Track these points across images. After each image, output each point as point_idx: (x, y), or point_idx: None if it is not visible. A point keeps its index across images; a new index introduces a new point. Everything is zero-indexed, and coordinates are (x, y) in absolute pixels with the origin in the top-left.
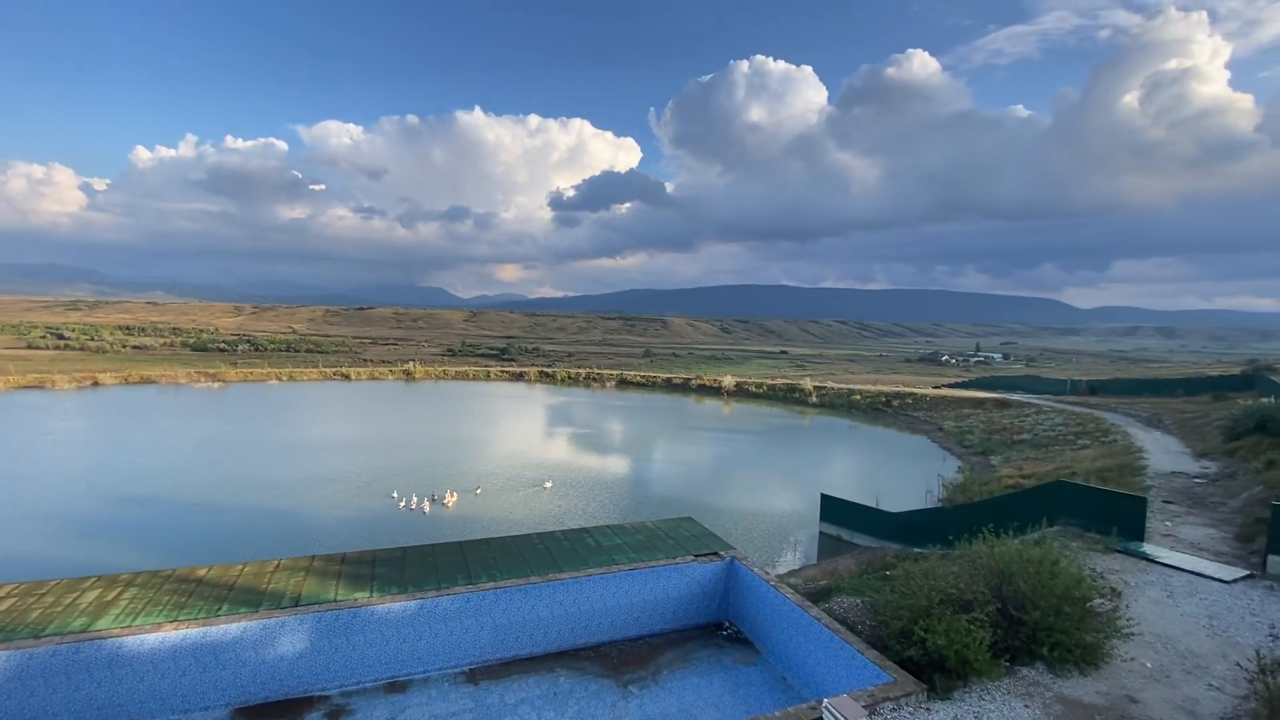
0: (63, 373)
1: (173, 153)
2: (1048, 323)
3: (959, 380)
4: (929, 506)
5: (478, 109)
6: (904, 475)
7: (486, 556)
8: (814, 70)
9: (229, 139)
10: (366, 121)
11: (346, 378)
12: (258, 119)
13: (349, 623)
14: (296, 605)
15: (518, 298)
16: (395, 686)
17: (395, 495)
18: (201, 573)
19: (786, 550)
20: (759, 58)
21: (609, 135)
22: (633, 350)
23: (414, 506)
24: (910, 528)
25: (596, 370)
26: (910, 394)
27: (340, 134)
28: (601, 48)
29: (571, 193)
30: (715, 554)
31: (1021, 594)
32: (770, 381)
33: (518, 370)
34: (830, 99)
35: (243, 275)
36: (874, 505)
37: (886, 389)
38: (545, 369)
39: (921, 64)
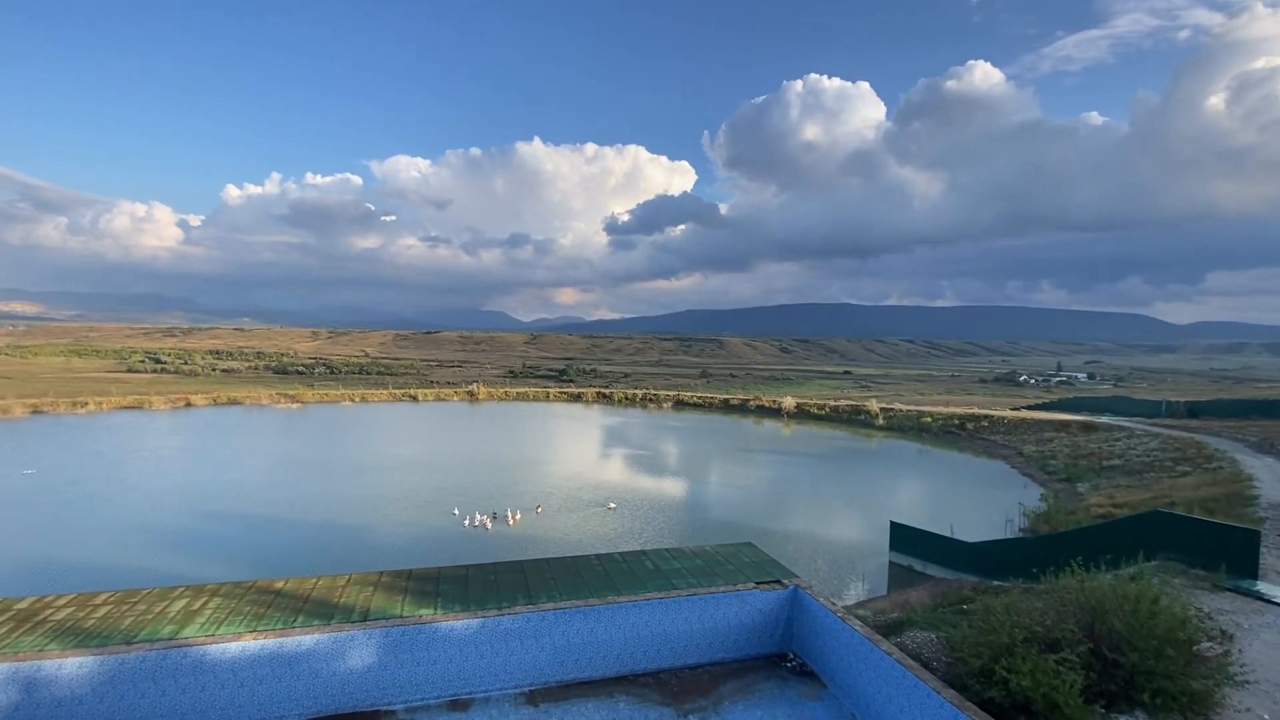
0: (159, 394)
1: (259, 189)
2: (1138, 339)
3: (1039, 402)
4: (1009, 537)
5: (537, 139)
6: (980, 503)
7: (546, 576)
8: (870, 86)
9: (309, 175)
10: (433, 155)
11: (414, 398)
12: (335, 156)
13: (414, 639)
14: (365, 620)
15: (576, 320)
16: (458, 705)
17: (457, 512)
18: (279, 585)
19: (853, 580)
20: (813, 77)
21: (663, 159)
22: (689, 371)
23: (477, 524)
24: (989, 559)
25: (653, 391)
26: (986, 416)
27: (409, 168)
28: (656, 74)
29: (626, 217)
30: (778, 582)
31: (1117, 634)
32: (833, 403)
33: (576, 391)
34: (888, 114)
35: (320, 302)
36: (948, 534)
37: (959, 411)
38: (603, 390)
39: (984, 75)
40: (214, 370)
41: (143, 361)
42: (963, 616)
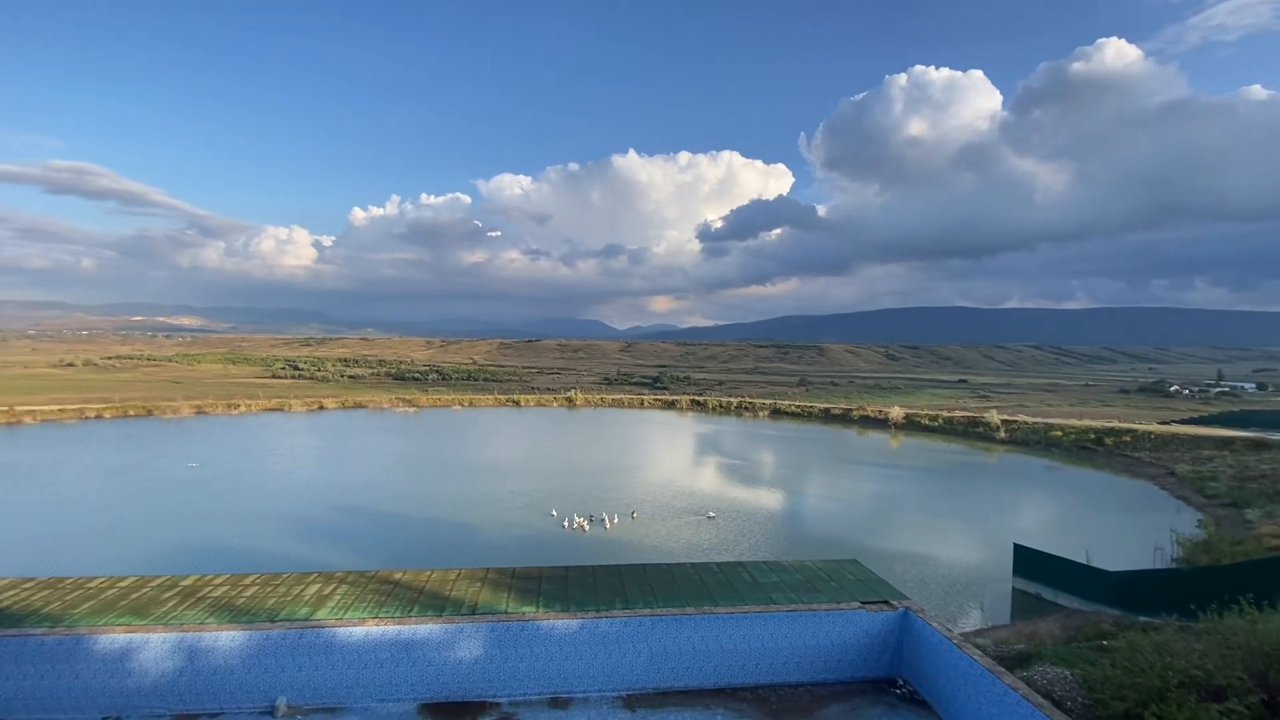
0: (297, 398)
1: (380, 211)
2: None
3: (1195, 415)
4: (1160, 567)
5: (631, 151)
6: (1122, 527)
7: (642, 582)
8: (984, 74)
9: (424, 196)
10: (534, 172)
11: (517, 404)
12: (446, 176)
13: (518, 635)
14: (474, 613)
15: (670, 327)
16: (558, 702)
17: (555, 514)
18: (397, 576)
19: (970, 606)
20: (918, 69)
21: (758, 164)
22: (786, 379)
23: (574, 526)
24: (1134, 591)
25: (749, 399)
26: (1129, 430)
27: (513, 185)
28: (749, 78)
29: (720, 224)
30: (886, 603)
31: None
32: (946, 413)
33: (670, 398)
34: (1004, 104)
35: (434, 313)
36: (1082, 561)
37: (1095, 424)
38: (696, 397)
39: (1117, 53)
40: (343, 376)
41: (284, 368)
42: (1103, 654)
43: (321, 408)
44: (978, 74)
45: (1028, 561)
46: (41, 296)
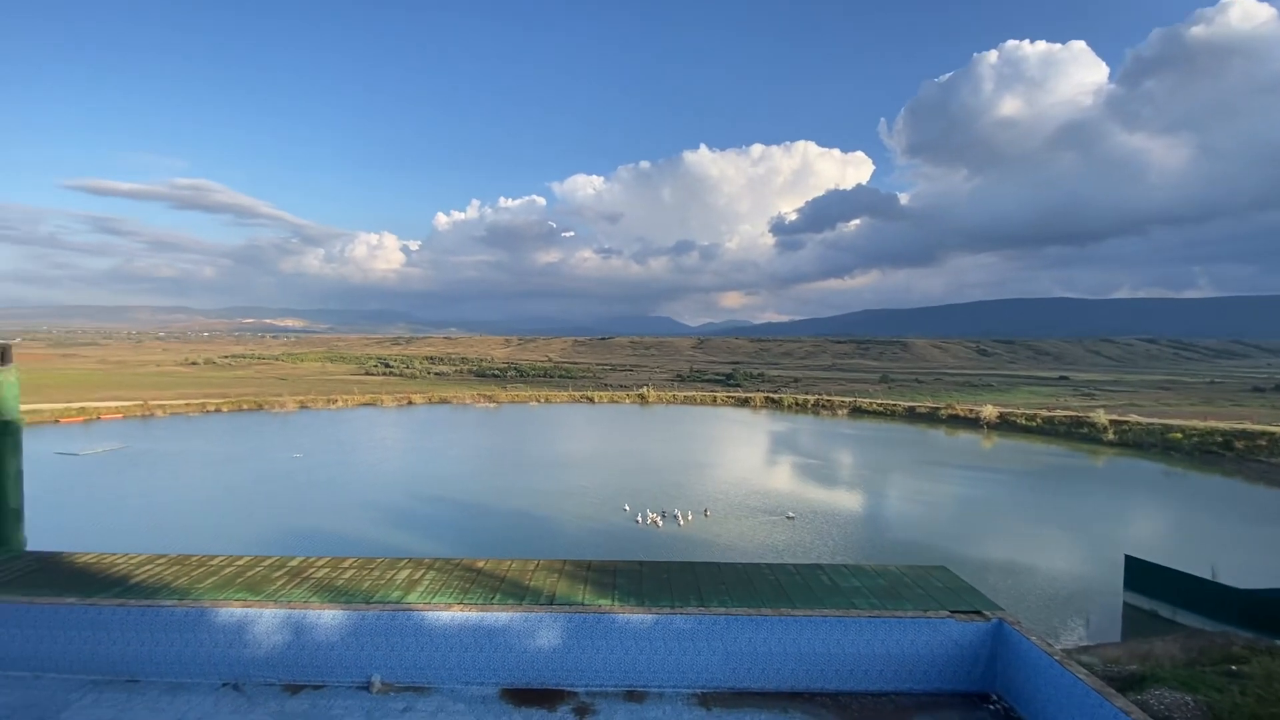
0: (388, 394)
1: (462, 215)
2: None
3: None
4: None
5: (703, 147)
6: (1257, 542)
7: (717, 580)
8: (1087, 45)
9: (501, 200)
10: (606, 171)
11: (591, 400)
12: (522, 180)
13: (594, 627)
14: (552, 604)
15: (742, 323)
16: (634, 695)
17: (627, 509)
18: (480, 564)
19: (1073, 620)
20: (1010, 44)
21: (835, 153)
22: (867, 376)
23: (648, 522)
24: (1270, 612)
25: (826, 396)
26: (1264, 433)
27: (585, 186)
28: (824, 66)
29: (794, 216)
30: (978, 613)
31: None
32: (1046, 413)
33: (743, 395)
34: (1111, 76)
35: (510, 312)
36: (1208, 577)
37: (1223, 426)
38: (771, 394)
39: (1244, 14)
40: (429, 373)
41: (376, 366)
42: (1232, 680)
43: (410, 403)
44: (1079, 45)
45: (1142, 575)
46: (169, 302)
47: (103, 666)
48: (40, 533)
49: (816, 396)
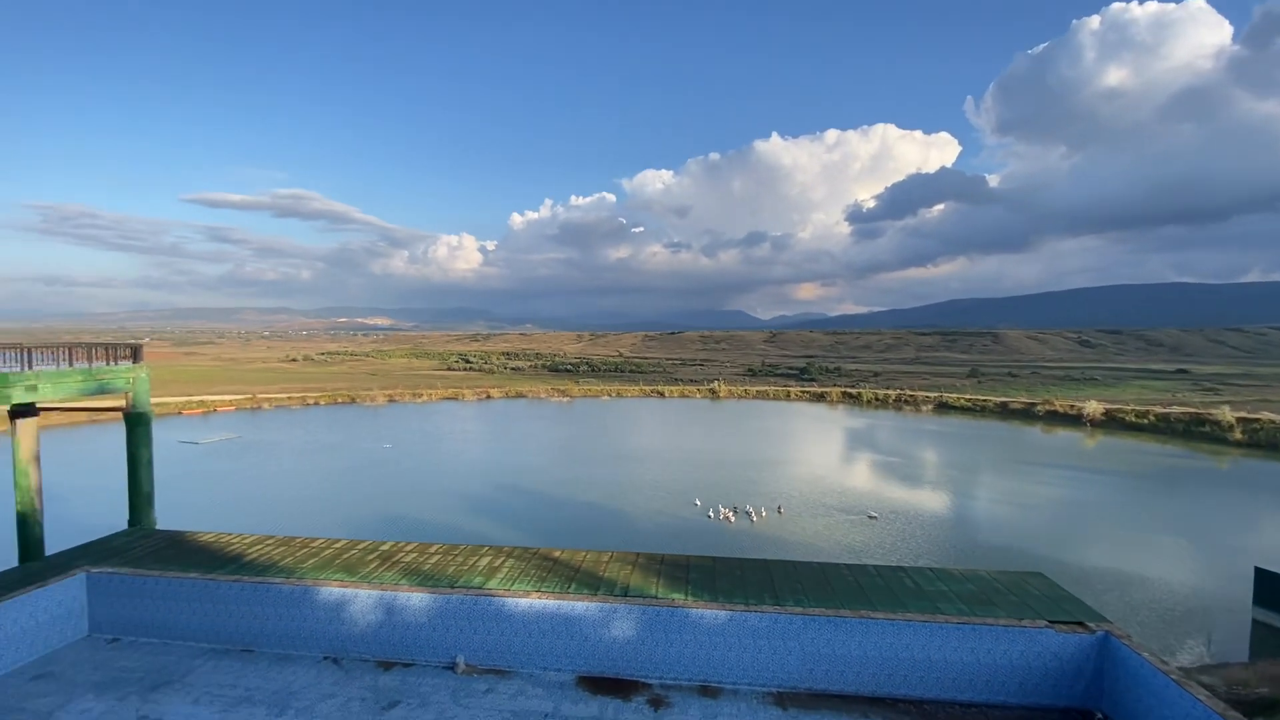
0: (469, 388)
1: (535, 215)
2: None
3: None
4: None
5: (775, 135)
6: None
7: (793, 579)
8: (1206, 2)
9: (573, 198)
10: (675, 165)
11: (661, 395)
12: (593, 177)
13: (668, 620)
14: (626, 595)
15: (817, 316)
16: (708, 691)
17: (699, 504)
18: (556, 554)
19: (1192, 637)
20: (1115, 6)
21: (917, 135)
22: (954, 370)
23: (720, 517)
24: None
25: (909, 391)
26: None
27: (654, 181)
28: (902, 44)
29: (872, 203)
30: (1081, 624)
31: None
32: (1160, 409)
33: (819, 390)
34: (1235, 36)
35: (582, 308)
36: None
37: None
38: (848, 389)
39: None
40: (505, 368)
41: (457, 362)
42: None
43: (489, 397)
44: (1197, 3)
45: (1273, 589)
46: (273, 303)
47: (221, 636)
48: (167, 513)
49: (898, 391)
